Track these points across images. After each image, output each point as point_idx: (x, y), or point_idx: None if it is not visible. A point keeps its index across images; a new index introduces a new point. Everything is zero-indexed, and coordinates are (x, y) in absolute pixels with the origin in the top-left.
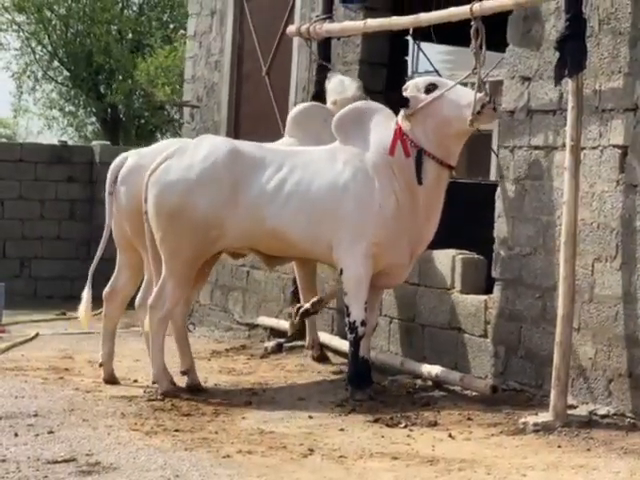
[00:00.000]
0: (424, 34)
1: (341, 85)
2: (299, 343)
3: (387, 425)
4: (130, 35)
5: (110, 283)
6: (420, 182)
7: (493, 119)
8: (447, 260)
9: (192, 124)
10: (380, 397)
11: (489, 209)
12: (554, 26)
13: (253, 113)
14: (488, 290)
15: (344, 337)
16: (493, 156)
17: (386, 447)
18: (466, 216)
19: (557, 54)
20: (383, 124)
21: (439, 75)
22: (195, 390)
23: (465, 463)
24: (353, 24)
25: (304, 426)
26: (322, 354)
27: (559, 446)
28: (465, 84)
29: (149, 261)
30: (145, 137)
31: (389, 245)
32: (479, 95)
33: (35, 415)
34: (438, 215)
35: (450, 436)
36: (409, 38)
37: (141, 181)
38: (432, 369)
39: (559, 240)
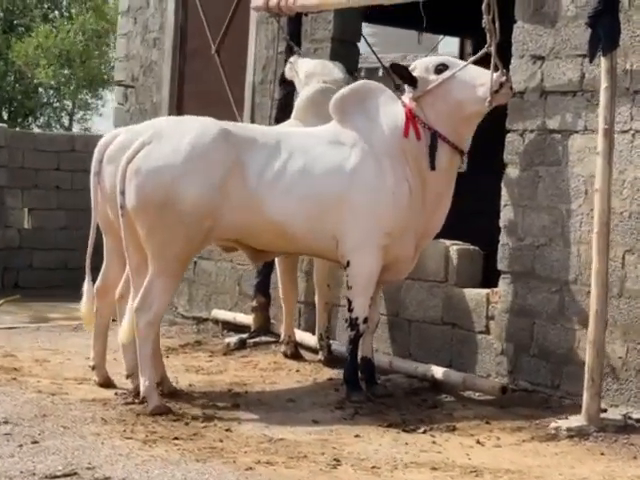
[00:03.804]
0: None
1: (326, 66)
2: (264, 339)
3: (404, 430)
4: (1, 14)
5: (100, 276)
6: (434, 167)
7: (509, 99)
8: (438, 251)
9: (125, 105)
10: (378, 399)
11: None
12: (572, 1)
13: (200, 93)
14: (484, 283)
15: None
16: None
17: (417, 456)
18: None
19: (588, 30)
20: (388, 105)
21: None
22: (173, 395)
23: (513, 474)
24: None
25: (313, 432)
26: (296, 351)
27: (602, 454)
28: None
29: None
30: (18, 120)
31: (399, 237)
32: (495, 74)
33: (6, 422)
34: (447, 205)
35: (478, 442)
36: None
37: None
38: (430, 369)
39: (581, 230)
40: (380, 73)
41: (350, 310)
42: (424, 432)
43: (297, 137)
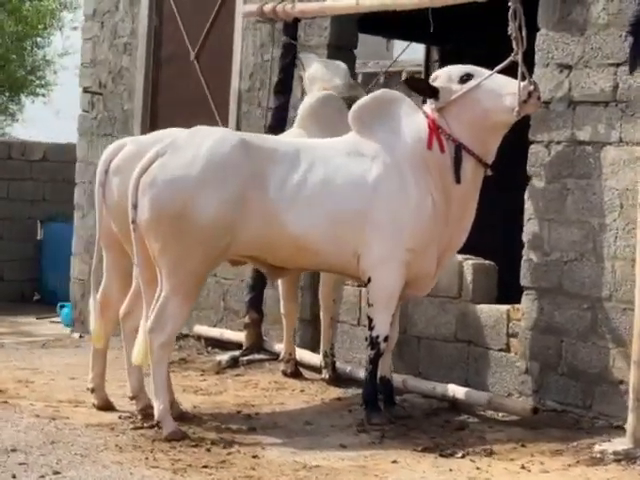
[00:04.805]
0: None
1: (327, 71)
2: (257, 357)
3: (441, 455)
4: None
5: (100, 293)
6: (459, 180)
7: (537, 109)
8: (451, 266)
9: (92, 113)
10: (399, 420)
11: None
12: (604, 9)
13: (176, 101)
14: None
15: (312, 350)
16: None
17: None
18: None
19: (621, 39)
20: (410, 116)
21: None
22: (182, 419)
23: None
24: (339, 4)
25: (346, 458)
26: (296, 370)
27: None
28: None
29: (138, 270)
30: None
31: (422, 252)
32: (523, 83)
33: (14, 450)
34: (470, 219)
35: (523, 468)
36: None
37: None
38: (450, 388)
39: (616, 245)
40: None
41: (371, 328)
42: (462, 457)
43: (317, 148)
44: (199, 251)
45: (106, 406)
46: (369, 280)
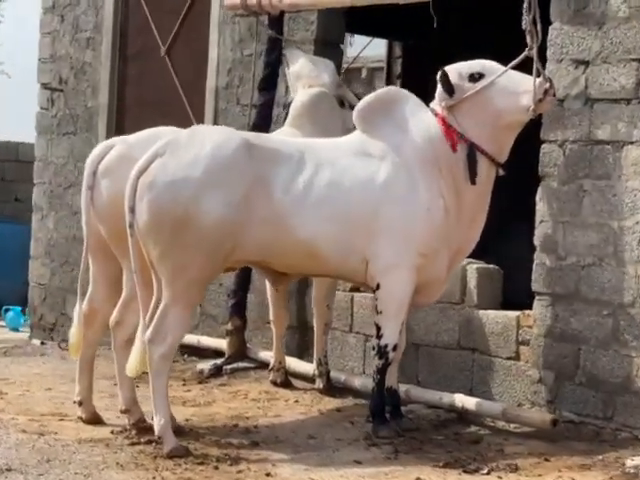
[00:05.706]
0: None
1: (315, 68)
2: (241, 365)
3: (465, 471)
4: None
5: (86, 301)
6: (474, 182)
7: (551, 106)
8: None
9: (51, 110)
10: (407, 433)
11: None
12: (625, 1)
13: (145, 99)
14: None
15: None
16: None
17: None
18: None
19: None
20: (418, 114)
21: None
22: (178, 433)
23: None
24: None
25: (366, 475)
26: (287, 379)
27: None
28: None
29: (129, 275)
30: None
31: (433, 256)
32: (539, 80)
33: (9, 469)
34: (482, 221)
35: None
36: None
37: (129, 176)
38: (459, 398)
39: (639, 249)
40: None
41: (379, 337)
42: (488, 473)
43: (322, 149)
44: (201, 257)
45: (94, 420)
46: (378, 286)
